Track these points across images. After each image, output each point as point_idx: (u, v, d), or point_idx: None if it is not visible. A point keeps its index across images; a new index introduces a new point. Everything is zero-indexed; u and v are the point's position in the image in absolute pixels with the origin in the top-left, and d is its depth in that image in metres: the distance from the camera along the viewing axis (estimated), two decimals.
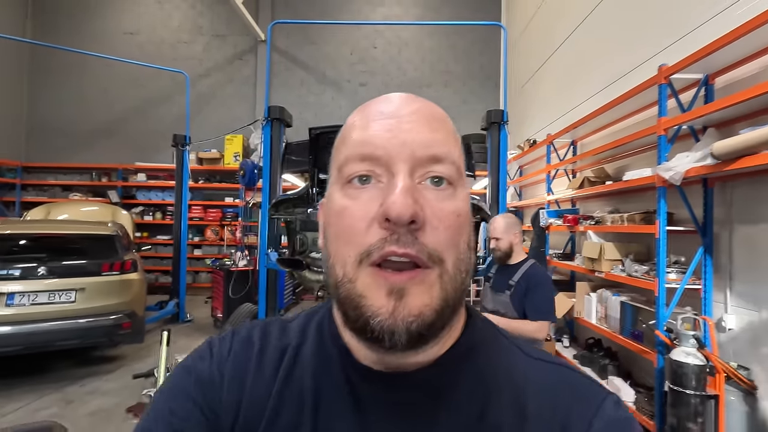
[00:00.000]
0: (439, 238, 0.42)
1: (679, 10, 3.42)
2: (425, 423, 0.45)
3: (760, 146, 2.12)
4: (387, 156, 0.43)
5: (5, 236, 3.90)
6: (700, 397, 2.43)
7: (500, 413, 0.45)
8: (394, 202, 0.40)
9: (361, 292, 0.41)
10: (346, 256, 0.42)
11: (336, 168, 0.47)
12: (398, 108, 0.46)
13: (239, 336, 0.52)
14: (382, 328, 0.40)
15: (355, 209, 0.43)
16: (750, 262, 2.68)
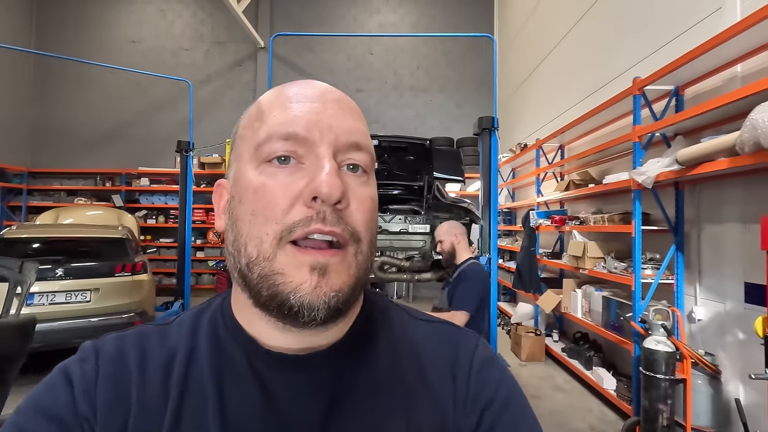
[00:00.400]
0: (359, 219, 0.44)
1: (653, 26, 3.68)
2: (343, 394, 0.46)
3: (717, 153, 2.37)
4: (312, 138, 0.43)
5: (24, 239, 4.12)
6: (670, 381, 2.68)
7: (405, 369, 0.50)
8: (325, 181, 0.41)
9: (280, 270, 0.41)
10: (263, 234, 0.42)
11: (252, 146, 0.45)
12: (322, 93, 0.46)
13: (105, 353, 0.46)
14: (302, 304, 0.41)
15: (277, 187, 0.42)
16: (716, 258, 2.93)
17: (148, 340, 0.48)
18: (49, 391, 0.43)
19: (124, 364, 0.46)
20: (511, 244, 6.87)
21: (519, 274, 5.29)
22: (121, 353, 0.47)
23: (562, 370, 4.53)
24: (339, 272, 0.42)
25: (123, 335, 0.49)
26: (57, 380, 0.44)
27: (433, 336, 0.53)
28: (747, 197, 2.65)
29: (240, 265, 0.44)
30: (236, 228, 0.44)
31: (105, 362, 0.46)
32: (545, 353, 4.89)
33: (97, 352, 0.46)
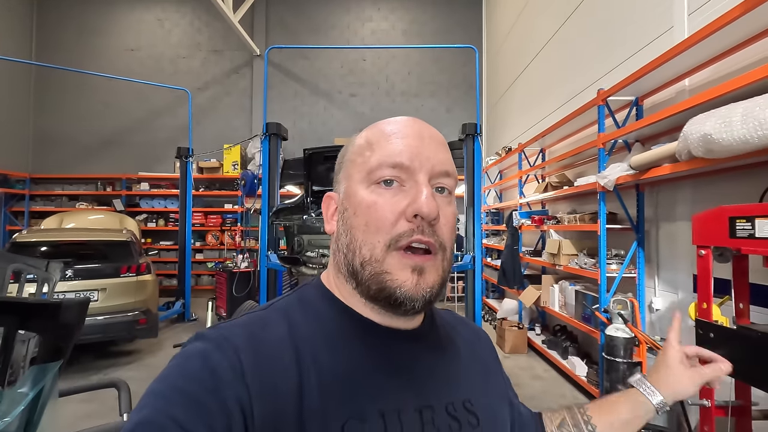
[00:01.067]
0: (446, 232, 0.55)
1: (616, 42, 3.99)
2: (431, 357, 0.60)
3: (662, 160, 2.68)
4: (413, 167, 0.54)
5: (35, 243, 4.39)
6: (628, 363, 2.97)
7: (459, 343, 0.66)
8: (425, 203, 0.51)
9: (388, 269, 0.52)
10: (375, 241, 0.52)
11: (364, 170, 0.55)
12: (420, 131, 0.57)
13: (237, 343, 0.50)
14: (406, 297, 0.51)
15: (386, 204, 0.53)
16: (671, 253, 3.24)
17: (263, 330, 0.53)
18: (195, 378, 0.46)
19: (263, 352, 0.50)
20: (499, 243, 7.16)
21: (503, 272, 5.58)
22: (253, 341, 0.50)
23: (542, 360, 4.82)
24: (432, 273, 0.53)
25: (238, 326, 0.53)
26: (199, 368, 0.47)
27: (454, 319, 0.72)
28: (695, 197, 2.96)
29: (353, 263, 0.54)
30: (351, 234, 0.55)
31: (245, 353, 0.48)
32: (528, 346, 5.18)
33: (227, 340, 0.49)
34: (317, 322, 0.56)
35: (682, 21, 3.07)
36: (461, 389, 0.61)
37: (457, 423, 0.57)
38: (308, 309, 0.57)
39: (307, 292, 0.60)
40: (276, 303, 0.58)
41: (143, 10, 9.72)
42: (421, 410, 0.55)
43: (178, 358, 0.49)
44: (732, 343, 2.03)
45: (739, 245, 1.95)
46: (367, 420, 0.50)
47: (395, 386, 0.54)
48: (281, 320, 0.54)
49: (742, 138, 1.91)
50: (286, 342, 0.52)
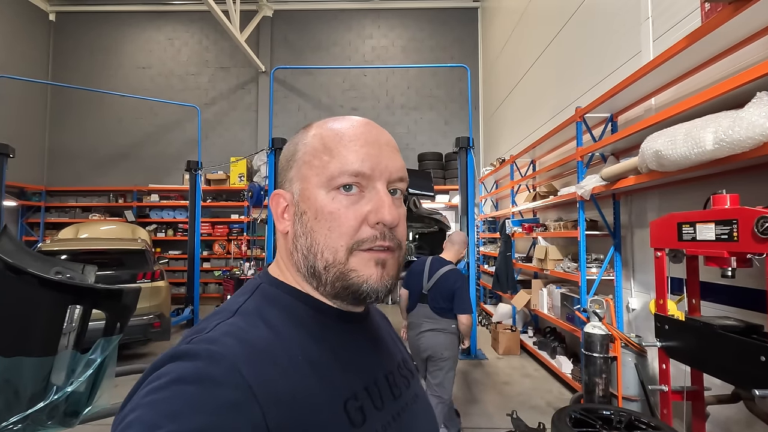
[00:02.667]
0: (401, 232, 0.61)
1: (593, 63, 4.33)
2: (376, 334, 0.69)
3: (628, 172, 2.98)
4: (374, 175, 0.57)
5: (58, 251, 4.72)
6: (604, 358, 3.24)
7: (379, 318, 0.77)
8: (388, 212, 0.56)
9: (353, 268, 0.56)
10: (338, 245, 0.56)
11: (324, 175, 0.57)
12: (377, 137, 0.60)
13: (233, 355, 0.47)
14: (371, 289, 0.56)
15: (348, 211, 0.56)
16: (644, 257, 3.52)
17: (247, 334, 0.51)
18: (198, 410, 0.41)
19: (259, 359, 0.48)
20: (495, 250, 7.43)
21: (497, 277, 5.87)
22: (247, 349, 0.49)
23: (533, 360, 5.08)
24: (392, 266, 0.58)
25: (224, 336, 0.50)
26: (198, 396, 0.42)
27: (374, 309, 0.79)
28: (661, 206, 3.25)
29: (315, 266, 0.57)
30: (312, 238, 0.57)
31: (244, 365, 0.46)
32: (520, 347, 5.44)
33: (220, 354, 0.46)
34: (293, 317, 0.57)
35: (648, 46, 3.39)
36: (396, 353, 0.73)
37: (406, 379, 0.68)
38: (279, 307, 0.58)
39: (267, 290, 0.61)
40: (241, 307, 0.57)
41: (154, 30, 10.20)
42: (386, 376, 0.64)
43: (162, 384, 0.43)
44: (683, 334, 2.33)
45: (685, 247, 2.24)
46: (358, 397, 0.56)
47: (367, 361, 0.62)
48: (258, 322, 0.54)
49: (683, 155, 2.22)
50: (275, 343, 0.52)
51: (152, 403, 0.42)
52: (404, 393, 0.65)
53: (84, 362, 1.25)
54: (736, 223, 1.90)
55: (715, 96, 2.20)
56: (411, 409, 0.65)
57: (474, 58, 9.89)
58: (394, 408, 0.61)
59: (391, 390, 0.63)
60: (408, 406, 0.65)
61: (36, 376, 1.15)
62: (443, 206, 9.05)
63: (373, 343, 0.67)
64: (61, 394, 1.21)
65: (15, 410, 1.15)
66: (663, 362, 2.44)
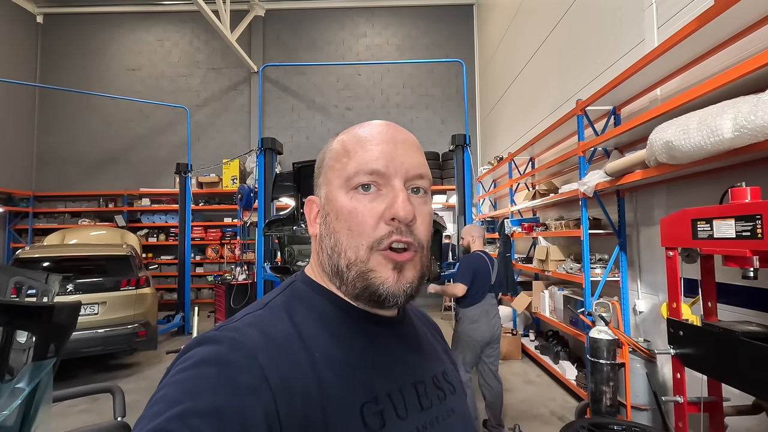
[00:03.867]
0: (422, 231, 0.59)
1: (595, 55, 4.14)
2: (415, 340, 0.68)
3: (634, 166, 2.79)
4: (389, 172, 0.57)
5: (37, 258, 4.52)
6: (611, 365, 3.04)
7: (421, 326, 0.74)
8: (401, 207, 0.55)
9: (372, 268, 0.56)
10: (359, 243, 0.56)
11: (342, 177, 0.59)
12: (393, 135, 0.60)
13: (252, 343, 0.50)
14: (389, 293, 0.55)
15: (365, 210, 0.56)
16: (651, 256, 3.33)
17: (269, 327, 0.53)
18: (215, 390, 0.44)
19: (277, 350, 0.50)
20: (494, 251, 7.24)
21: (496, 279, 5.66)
22: (266, 340, 0.51)
23: (536, 366, 4.88)
24: (410, 270, 0.57)
25: (247, 326, 0.53)
26: (216, 377, 0.45)
27: (409, 307, 0.76)
28: (669, 202, 3.06)
29: (338, 265, 0.58)
30: (335, 237, 0.58)
31: (261, 353, 0.49)
32: (522, 352, 5.24)
33: (240, 342, 0.49)
34: (318, 315, 0.58)
35: (652, 33, 3.21)
36: (437, 364, 0.69)
37: (442, 392, 0.65)
38: (306, 304, 0.59)
39: (299, 288, 0.62)
40: (271, 301, 0.59)
41: (143, 31, 10.01)
42: (415, 385, 0.61)
43: (187, 365, 0.47)
44: (699, 341, 2.13)
45: (700, 246, 2.05)
46: (378, 401, 0.54)
47: (394, 367, 0.60)
48: (283, 317, 0.56)
49: (698, 145, 2.03)
50: (295, 338, 0.53)
51: (177, 382, 0.46)
52: (436, 406, 0.62)
53: (8, 392, 1.05)
54: (759, 219, 1.70)
55: (732, 80, 2.01)
56: (443, 423, 0.62)
57: (470, 55, 9.72)
58: (421, 419, 0.59)
59: (419, 400, 0.60)
60: (439, 420, 0.61)
61: None
62: (441, 206, 8.86)
63: (405, 349, 0.65)
64: None
65: None
66: (677, 371, 2.24)
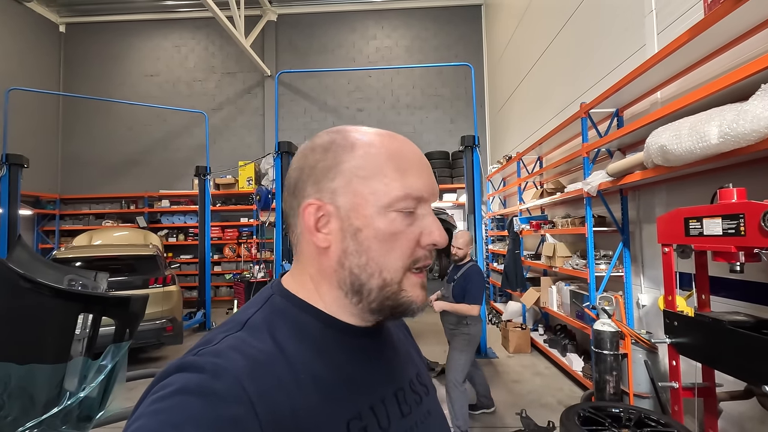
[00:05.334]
0: None
1: (598, 59, 4.29)
2: (393, 347, 0.69)
3: (633, 167, 2.95)
4: (430, 199, 0.61)
5: (72, 258, 4.83)
6: (614, 355, 3.21)
7: (394, 329, 0.73)
8: (440, 236, 0.59)
9: (404, 288, 0.58)
10: (398, 266, 0.57)
11: (388, 197, 0.56)
12: (422, 156, 0.62)
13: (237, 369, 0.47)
14: (417, 309, 0.59)
15: (408, 233, 0.58)
16: (653, 252, 3.48)
17: (252, 348, 0.51)
18: (200, 424, 0.42)
19: (263, 375, 0.49)
20: (504, 248, 7.40)
21: (506, 275, 5.84)
22: (251, 364, 0.49)
23: (544, 358, 5.05)
24: (426, 286, 0.62)
25: (230, 350, 0.50)
26: (200, 410, 0.43)
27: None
28: (668, 200, 3.21)
29: (367, 284, 0.57)
30: (368, 257, 0.56)
31: (247, 380, 0.47)
32: (531, 345, 5.41)
33: (224, 368, 0.47)
34: (300, 332, 0.57)
35: (653, 39, 3.36)
36: (412, 367, 0.71)
37: (418, 396, 0.66)
38: (288, 320, 0.58)
39: (278, 303, 0.60)
40: (250, 320, 0.57)
41: (161, 38, 10.35)
42: (396, 393, 0.62)
43: (166, 394, 0.44)
44: (692, 330, 2.30)
45: (692, 242, 2.22)
46: (363, 417, 0.55)
47: (376, 379, 0.61)
48: (265, 337, 0.54)
49: (689, 149, 2.19)
50: (279, 358, 0.52)
51: (156, 412, 0.43)
52: (415, 410, 0.64)
53: (95, 368, 1.29)
54: (743, 218, 1.87)
55: (720, 89, 2.17)
56: (422, 426, 0.64)
57: (479, 55, 9.85)
58: (401, 427, 0.60)
59: (399, 408, 0.61)
60: (418, 425, 0.63)
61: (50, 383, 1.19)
62: (451, 205, 9.03)
63: (386, 358, 0.65)
64: (74, 400, 1.25)
65: (31, 416, 1.19)
66: (673, 359, 2.42)
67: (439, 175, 8.91)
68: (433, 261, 4.48)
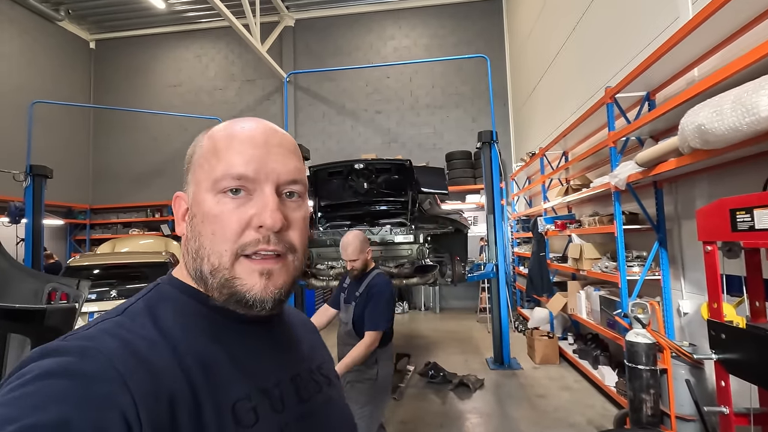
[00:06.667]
0: (294, 236, 0.59)
1: (625, 38, 3.88)
2: (290, 339, 0.68)
3: (668, 155, 2.56)
4: (258, 178, 0.56)
5: (85, 266, 4.84)
6: (651, 371, 2.81)
7: (296, 323, 0.74)
8: (269, 215, 0.54)
9: (237, 275, 0.54)
10: (222, 250, 0.54)
11: (210, 179, 0.56)
12: (266, 139, 0.58)
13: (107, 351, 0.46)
14: (255, 300, 0.55)
15: (231, 215, 0.54)
16: (696, 252, 3.04)
17: (129, 333, 0.50)
18: (66, 403, 0.39)
19: (139, 355, 0.47)
20: (529, 250, 6.96)
21: (531, 280, 5.44)
22: (125, 345, 0.47)
23: (574, 371, 4.61)
24: (280, 274, 0.57)
25: (101, 333, 0.48)
26: (66, 389, 0.40)
27: (290, 308, 0.76)
28: (711, 192, 2.79)
29: (201, 269, 0.56)
30: (199, 241, 0.56)
31: (119, 359, 0.45)
32: (559, 356, 4.98)
33: (94, 349, 0.45)
34: (185, 317, 0.56)
35: (687, 9, 2.96)
36: (313, 358, 0.71)
37: (318, 384, 0.67)
38: (173, 306, 0.56)
39: (165, 290, 0.59)
40: (130, 307, 0.55)
41: (183, 49, 10.56)
42: (293, 378, 0.63)
43: (25, 381, 0.41)
44: (744, 345, 1.91)
45: (741, 239, 1.84)
46: (252, 398, 0.54)
47: (268, 363, 0.60)
48: (145, 322, 0.52)
49: (733, 126, 1.82)
50: (159, 344, 0.50)
51: (12, 400, 0.40)
52: (314, 397, 0.65)
53: None
54: None
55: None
56: (321, 411, 0.65)
57: (500, 50, 9.45)
58: (298, 411, 0.60)
59: (297, 392, 0.62)
60: (318, 410, 0.64)
61: None
62: (474, 206, 8.65)
63: (279, 345, 0.65)
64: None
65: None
66: (721, 379, 2.03)
67: (461, 176, 8.56)
68: (446, 265, 4.15)
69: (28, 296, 2.34)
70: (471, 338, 6.40)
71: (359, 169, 3.42)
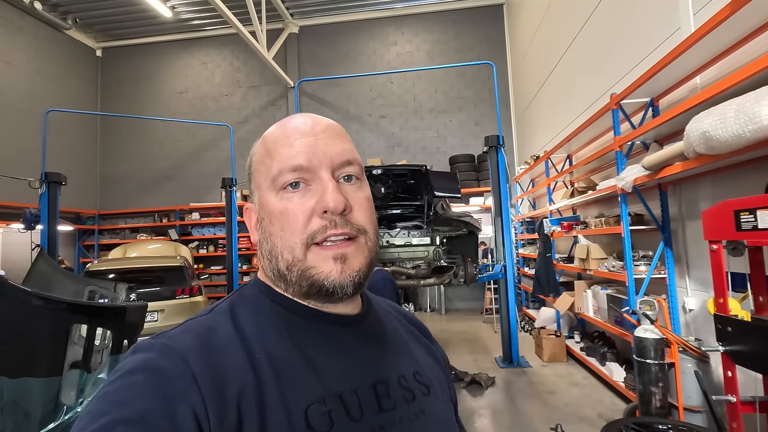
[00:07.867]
0: (361, 217, 0.58)
1: (628, 46, 4.03)
2: (379, 338, 0.64)
3: (672, 159, 2.71)
4: (313, 166, 0.56)
5: (104, 271, 4.96)
6: (659, 365, 2.94)
7: (396, 324, 0.70)
8: (330, 198, 0.54)
9: (312, 265, 0.55)
10: (293, 242, 0.55)
11: (268, 178, 0.57)
12: (313, 127, 0.58)
13: (184, 348, 0.49)
14: (335, 285, 0.54)
15: (296, 208, 0.55)
16: (700, 251, 3.19)
17: (208, 331, 0.52)
18: (140, 397, 0.43)
19: (213, 354, 0.49)
20: (534, 252, 7.10)
21: (537, 280, 5.57)
22: (200, 344, 0.50)
23: (582, 368, 4.74)
24: (356, 257, 0.56)
25: (181, 332, 0.52)
26: (143, 384, 0.44)
27: (386, 304, 0.75)
28: (715, 193, 2.93)
29: (279, 268, 0.56)
30: (271, 241, 0.57)
31: (192, 357, 0.47)
32: (567, 353, 5.11)
33: (171, 347, 0.48)
34: (263, 316, 0.57)
35: (688, 20, 3.11)
36: (407, 364, 0.64)
37: (411, 393, 0.60)
38: (252, 307, 0.58)
39: (247, 291, 0.61)
40: (216, 307, 0.58)
41: (189, 56, 10.71)
42: (375, 385, 0.57)
43: (116, 377, 0.47)
44: (750, 336, 2.05)
45: (745, 238, 1.98)
46: (327, 402, 0.52)
47: (348, 367, 0.57)
48: (226, 321, 0.55)
49: (736, 133, 1.96)
50: (235, 340, 0.52)
51: (105, 395, 0.45)
52: (401, 407, 0.58)
53: (92, 381, 1.23)
54: None
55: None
56: (409, 425, 0.58)
57: (502, 55, 9.62)
58: (378, 421, 0.55)
59: (378, 401, 0.57)
60: (404, 422, 0.57)
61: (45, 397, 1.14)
62: (478, 209, 8.80)
63: (365, 348, 0.61)
64: (71, 414, 1.20)
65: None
66: (728, 369, 2.16)
67: (464, 179, 8.70)
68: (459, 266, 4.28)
69: (70, 297, 2.46)
70: (479, 338, 6.52)
71: (377, 175, 3.56)
